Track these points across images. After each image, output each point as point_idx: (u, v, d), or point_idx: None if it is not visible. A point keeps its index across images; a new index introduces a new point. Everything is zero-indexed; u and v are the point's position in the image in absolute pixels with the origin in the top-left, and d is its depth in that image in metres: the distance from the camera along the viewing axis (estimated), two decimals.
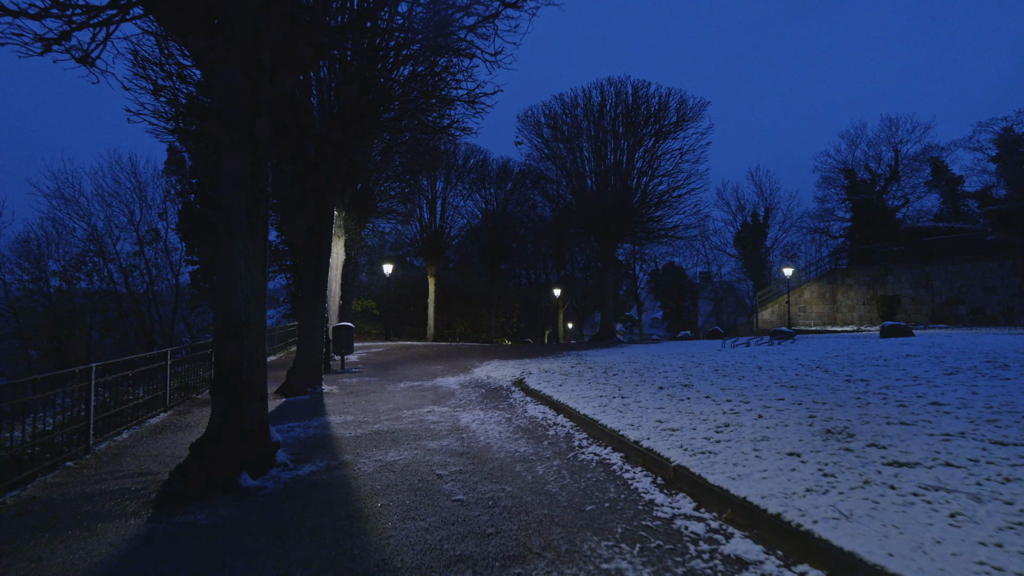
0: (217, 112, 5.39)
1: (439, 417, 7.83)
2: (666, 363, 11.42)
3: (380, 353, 18.15)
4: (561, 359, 14.42)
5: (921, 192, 50.69)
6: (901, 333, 16.93)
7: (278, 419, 8.04)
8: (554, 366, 12.32)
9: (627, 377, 9.81)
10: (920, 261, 31.53)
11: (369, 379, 12.12)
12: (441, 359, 16.22)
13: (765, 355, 12.11)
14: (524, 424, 7.34)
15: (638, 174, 22.58)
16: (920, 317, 30.48)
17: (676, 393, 7.97)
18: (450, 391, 10.25)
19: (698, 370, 10.17)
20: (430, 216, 30.97)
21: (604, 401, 7.77)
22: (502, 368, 13.40)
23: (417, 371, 13.48)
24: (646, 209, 22.69)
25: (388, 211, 24.81)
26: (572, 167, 23.18)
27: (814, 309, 37.12)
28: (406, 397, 9.68)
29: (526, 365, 13.58)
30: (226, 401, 5.27)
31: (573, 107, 22.64)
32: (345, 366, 13.91)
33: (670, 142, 22.50)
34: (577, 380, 9.88)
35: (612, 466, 5.41)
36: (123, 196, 32.63)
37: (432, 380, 11.78)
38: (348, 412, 8.43)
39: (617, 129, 22.14)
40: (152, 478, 5.51)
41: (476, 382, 11.35)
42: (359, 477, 5.21)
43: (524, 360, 14.94)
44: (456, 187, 31.67)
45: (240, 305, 5.33)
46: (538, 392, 9.17)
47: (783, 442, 5.15)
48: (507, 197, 33.79)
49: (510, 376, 11.87)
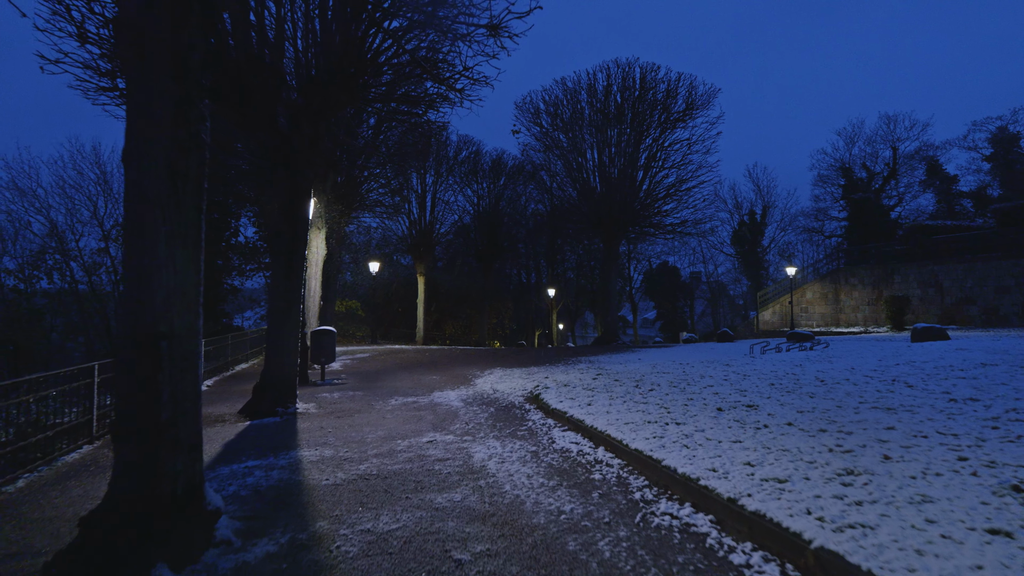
0: (123, 20, 3.61)
1: (444, 451, 6.09)
2: (703, 373, 9.79)
3: (366, 360, 16.32)
4: (574, 368, 12.75)
5: (916, 191, 50.06)
6: (936, 336, 15.55)
7: (235, 454, 6.24)
8: (571, 377, 10.62)
9: (667, 393, 8.15)
10: (928, 260, 30.47)
11: (354, 393, 10.31)
12: (435, 367, 14.45)
13: (811, 363, 10.56)
14: (557, 462, 5.63)
15: (645, 165, 21.03)
16: (929, 318, 29.39)
17: (744, 418, 6.32)
18: (452, 410, 8.51)
19: (748, 383, 8.56)
20: (419, 211, 29.11)
21: (656, 429, 6.09)
22: (508, 378, 11.69)
23: (410, 382, 11.70)
24: (654, 203, 21.14)
25: (375, 203, 22.95)
26: (574, 157, 21.55)
27: (816, 310, 35.98)
28: (399, 419, 7.92)
29: (535, 375, 11.88)
30: (134, 453, 3.48)
31: (576, 92, 21.00)
32: (326, 377, 12.08)
33: (679, 131, 20.99)
34: (607, 397, 8.20)
35: (707, 540, 3.73)
36: (86, 188, 30.23)
37: (429, 395, 10.02)
38: (327, 442, 6.65)
39: (624, 116, 20.57)
40: (29, 565, 3.70)
41: (481, 397, 9.61)
42: (337, 567, 3.46)
43: (530, 369, 13.24)
44: (447, 181, 29.86)
45: (158, 307, 3.55)
46: (562, 413, 7.47)
47: (960, 507, 3.51)
48: (500, 192, 32.08)
49: (520, 389, 10.16)
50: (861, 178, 47.80)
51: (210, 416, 8.54)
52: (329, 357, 11.56)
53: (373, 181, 20.65)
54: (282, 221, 8.61)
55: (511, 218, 33.96)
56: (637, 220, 21.64)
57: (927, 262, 30.29)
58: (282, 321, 8.78)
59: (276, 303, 8.78)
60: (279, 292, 8.74)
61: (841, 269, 35.02)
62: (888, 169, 45.93)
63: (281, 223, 8.62)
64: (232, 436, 7.17)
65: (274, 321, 8.82)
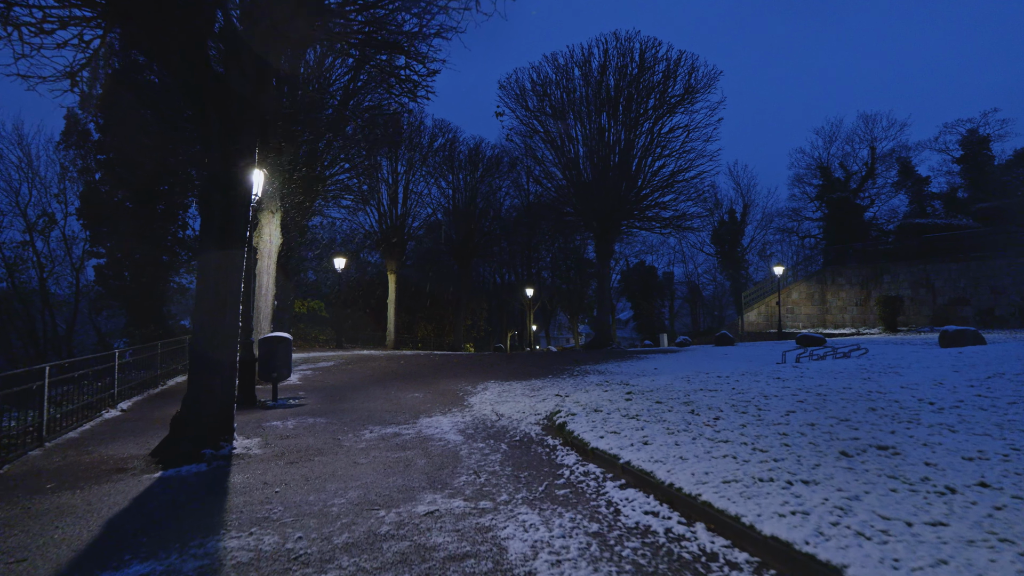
0: None
1: (456, 535, 3.86)
2: (762, 392, 7.81)
3: (331, 370, 13.84)
4: (586, 381, 10.63)
5: (889, 192, 50.22)
6: (971, 341, 14.10)
7: (115, 548, 3.86)
8: (593, 397, 8.45)
9: (742, 424, 6.11)
10: (919, 259, 29.73)
11: (314, 421, 7.93)
12: (415, 379, 12.12)
13: (881, 375, 8.75)
14: (644, 558, 3.49)
15: (642, 152, 19.16)
16: (921, 319, 28.64)
17: (899, 471, 4.32)
18: (451, 448, 6.26)
19: (835, 407, 6.61)
20: (390, 203, 26.53)
21: (780, 493, 4.01)
22: (509, 396, 9.48)
23: (387, 402, 9.36)
24: (651, 193, 19.29)
25: (342, 190, 20.37)
26: (565, 143, 19.52)
27: (802, 310, 35.05)
28: (378, 466, 5.63)
29: (541, 391, 9.72)
30: None
31: (568, 70, 18.89)
32: (279, 396, 9.62)
33: (678, 116, 19.21)
34: (662, 429, 6.10)
35: None
36: (6, 172, 26.59)
37: (414, 422, 7.72)
38: (270, 516, 4.32)
39: (620, 98, 18.68)
40: None
41: (484, 425, 7.38)
42: None
43: (532, 382, 11.06)
44: (420, 170, 27.35)
45: None
46: (611, 457, 5.34)
47: None
48: (476, 185, 29.77)
49: (530, 413, 7.99)
50: (839, 178, 47.55)
51: (107, 461, 6.07)
52: (283, 371, 9.12)
53: (339, 164, 18.12)
54: (212, 187, 6.19)
55: (488, 213, 31.74)
56: (632, 213, 19.77)
57: (918, 261, 29.56)
58: (213, 325, 6.35)
59: (204, 301, 6.33)
60: (208, 285, 6.30)
61: (827, 269, 34.16)
62: (866, 168, 45.71)
63: (212, 189, 6.19)
64: (125, 504, 4.74)
65: (202, 325, 6.38)
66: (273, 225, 11.40)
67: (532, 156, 20.61)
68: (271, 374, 8.91)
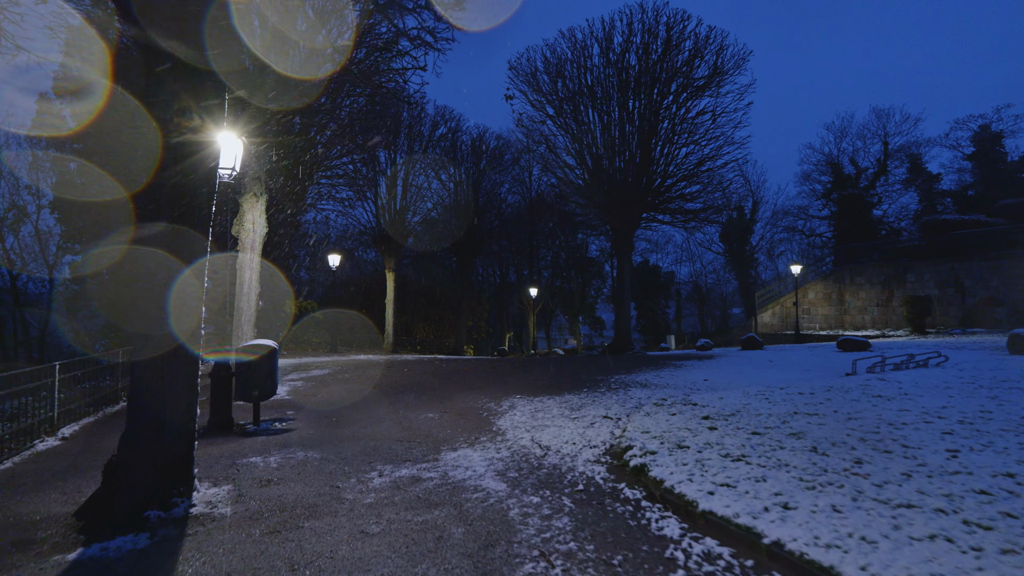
0: None
1: None
2: (880, 415, 6.12)
3: (325, 380, 12.06)
4: (635, 398, 8.89)
5: (899, 189, 48.89)
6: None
7: None
8: (663, 423, 6.64)
9: (912, 474, 4.41)
10: (946, 257, 28.22)
11: (305, 456, 6.15)
12: (424, 392, 10.36)
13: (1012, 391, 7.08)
14: None
15: (666, 138, 17.51)
16: (948, 320, 27.16)
17: None
18: (495, 509, 4.50)
19: (1001, 439, 4.93)
20: (388, 196, 24.72)
21: None
22: (544, 417, 7.73)
23: (395, 426, 7.59)
24: (676, 183, 17.63)
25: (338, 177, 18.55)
26: (581, 128, 17.84)
27: (819, 311, 33.53)
28: (398, 543, 3.87)
29: (584, 411, 7.98)
30: None
31: (586, 48, 17.21)
32: (261, 418, 7.83)
33: (705, 100, 17.57)
34: (794, 480, 4.38)
35: None
36: None
37: (435, 458, 5.95)
38: None
39: (642, 79, 17.02)
40: None
41: (528, 464, 5.62)
42: None
43: (565, 397, 9.30)
44: (421, 162, 25.57)
45: None
46: (745, 532, 3.62)
47: None
48: (479, 178, 28.01)
49: (581, 443, 6.25)
50: (849, 174, 46.18)
51: (10, 527, 4.28)
52: (267, 388, 7.34)
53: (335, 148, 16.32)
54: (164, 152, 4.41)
55: (491, 208, 29.99)
56: (655, 204, 18.10)
57: (945, 260, 28.06)
58: (163, 330, 4.58)
59: (148, 298, 4.56)
60: (156, 276, 4.53)
61: (846, 268, 32.64)
62: (878, 165, 44.29)
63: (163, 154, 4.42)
64: None
65: (148, 331, 4.60)
66: (257, 211, 9.60)
67: (545, 143, 18.89)
68: (252, 392, 7.12)
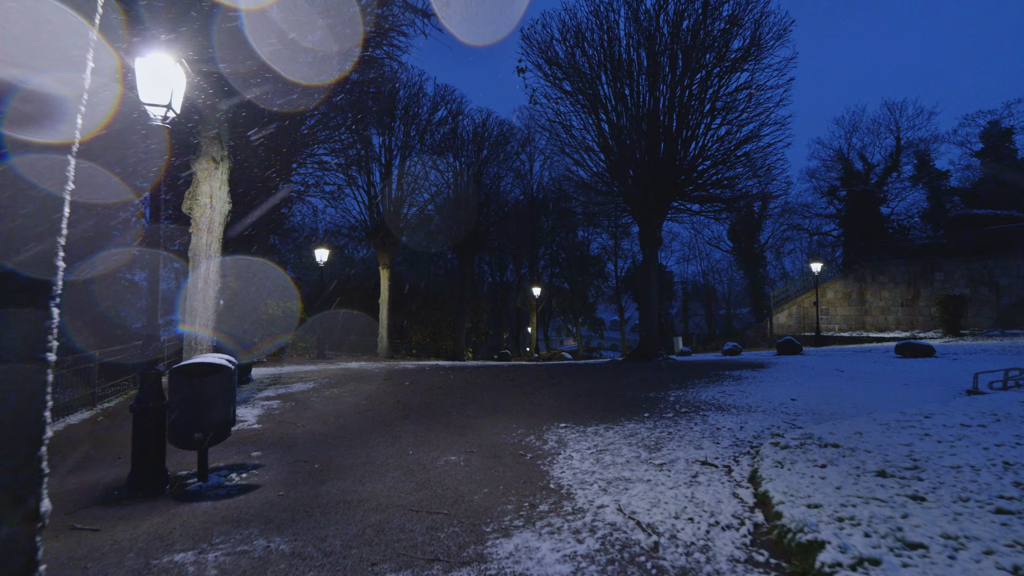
0: None
1: None
2: None
3: (308, 399, 9.74)
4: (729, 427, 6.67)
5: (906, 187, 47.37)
6: None
7: None
8: (821, 484, 4.36)
9: None
10: (977, 254, 26.46)
11: (267, 551, 3.84)
12: (437, 418, 8.08)
13: None
14: None
15: (701, 117, 15.43)
16: (982, 321, 25.38)
17: None
18: None
19: None
20: (383, 185, 22.39)
21: None
22: (618, 465, 5.50)
23: (405, 481, 5.30)
24: (711, 167, 15.54)
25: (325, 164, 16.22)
26: (605, 106, 15.71)
27: (838, 312, 31.71)
28: None
29: (665, 451, 5.79)
30: None
31: (610, 10, 15.11)
32: (213, 469, 5.50)
33: (743, 73, 15.52)
34: None
35: None
36: None
37: (479, 558, 3.64)
38: None
39: (675, 47, 14.94)
40: None
41: (643, 572, 3.39)
42: None
43: (628, 427, 7.07)
44: (418, 148, 23.25)
45: None
46: None
47: None
48: (480, 168, 25.76)
49: (701, 518, 4.08)
50: (859, 170, 44.57)
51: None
52: (215, 426, 5.02)
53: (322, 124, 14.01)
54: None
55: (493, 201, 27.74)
56: (687, 191, 16.00)
57: (976, 257, 26.30)
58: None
59: None
60: None
61: (867, 266, 30.86)
62: (891, 160, 42.64)
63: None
64: None
65: None
66: (216, 181, 7.27)
67: (560, 123, 16.69)
68: (192, 433, 4.81)
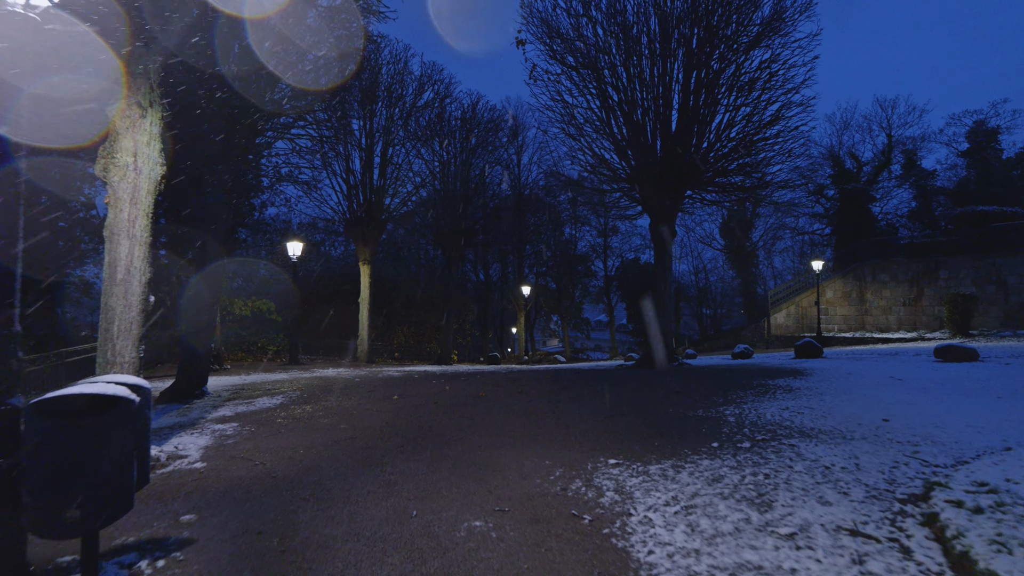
0: None
1: None
2: None
3: (272, 419, 7.85)
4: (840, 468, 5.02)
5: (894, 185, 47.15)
6: None
7: None
8: None
9: None
10: (983, 252, 25.69)
11: None
12: (442, 452, 6.25)
13: None
14: None
15: (720, 96, 13.95)
16: (989, 321, 24.57)
17: None
18: None
19: None
20: (364, 172, 20.44)
21: None
22: (726, 532, 3.82)
23: (412, 571, 3.54)
24: (731, 152, 14.07)
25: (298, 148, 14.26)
26: (613, 84, 14.13)
27: (838, 311, 30.78)
28: None
29: (775, 508, 4.11)
30: None
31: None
32: (103, 562, 3.67)
33: (762, 50, 14.09)
34: None
35: None
36: None
37: None
38: None
39: (690, 17, 13.44)
40: None
41: None
42: None
43: (702, 465, 5.36)
44: (401, 132, 21.32)
45: None
46: None
47: None
48: (468, 159, 23.98)
49: None
50: (850, 168, 44.03)
51: None
52: (105, 495, 3.14)
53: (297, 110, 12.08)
54: None
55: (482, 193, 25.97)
56: (705, 179, 14.50)
57: (982, 255, 25.54)
58: None
59: None
60: None
61: (867, 264, 29.99)
62: (883, 158, 42.15)
63: None
64: None
65: None
66: (142, 135, 5.35)
67: (562, 104, 15.01)
68: (66, 508, 2.96)
